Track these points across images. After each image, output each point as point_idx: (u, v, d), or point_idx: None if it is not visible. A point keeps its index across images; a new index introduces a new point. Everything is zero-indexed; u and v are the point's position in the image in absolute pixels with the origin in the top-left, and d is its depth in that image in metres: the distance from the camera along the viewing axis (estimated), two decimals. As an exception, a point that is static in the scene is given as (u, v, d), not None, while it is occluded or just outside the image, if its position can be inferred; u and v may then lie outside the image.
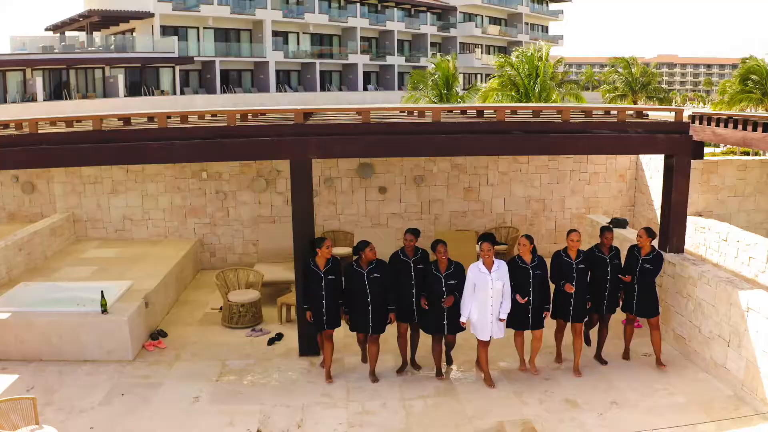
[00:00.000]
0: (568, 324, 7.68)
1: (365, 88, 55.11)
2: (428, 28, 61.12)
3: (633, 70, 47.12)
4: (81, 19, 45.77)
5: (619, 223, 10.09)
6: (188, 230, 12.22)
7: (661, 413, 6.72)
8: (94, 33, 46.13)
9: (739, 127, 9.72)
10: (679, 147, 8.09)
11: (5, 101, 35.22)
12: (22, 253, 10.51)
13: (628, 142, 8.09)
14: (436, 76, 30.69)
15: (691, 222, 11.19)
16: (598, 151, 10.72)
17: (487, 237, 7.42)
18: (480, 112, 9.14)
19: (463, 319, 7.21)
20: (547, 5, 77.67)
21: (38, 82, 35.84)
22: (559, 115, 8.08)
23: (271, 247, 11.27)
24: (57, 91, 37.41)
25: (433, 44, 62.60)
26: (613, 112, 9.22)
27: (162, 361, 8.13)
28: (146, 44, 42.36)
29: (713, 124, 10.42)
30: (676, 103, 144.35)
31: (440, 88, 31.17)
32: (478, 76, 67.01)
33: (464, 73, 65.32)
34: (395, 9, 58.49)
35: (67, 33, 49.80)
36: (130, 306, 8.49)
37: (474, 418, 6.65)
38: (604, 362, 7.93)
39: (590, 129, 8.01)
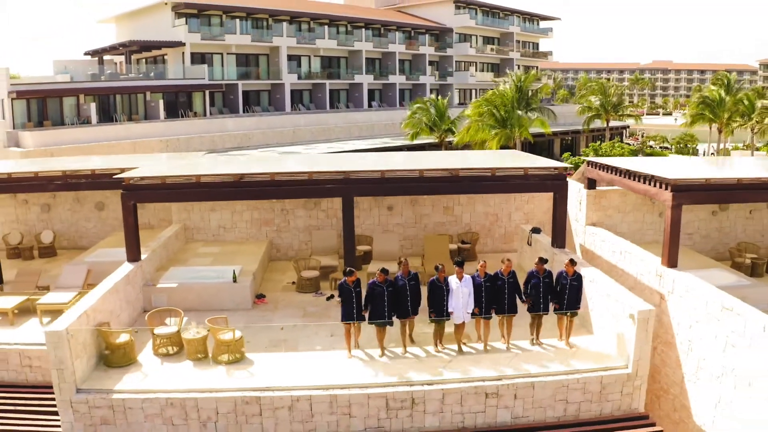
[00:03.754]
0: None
1: (370, 105, 60.85)
2: (426, 48, 66.72)
3: (609, 88, 53.36)
4: (120, 48, 51.71)
5: (536, 230, 16.35)
6: (262, 235, 18.50)
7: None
8: (129, 57, 52.11)
9: (609, 172, 16.04)
10: (559, 188, 14.32)
11: (63, 123, 41.03)
12: (165, 249, 16.76)
13: (529, 185, 14.35)
14: (432, 110, 36.98)
15: (587, 230, 17.44)
16: (511, 191, 16.89)
17: (460, 263, 11.83)
18: (447, 171, 15.36)
19: (450, 309, 11.66)
20: (538, 24, 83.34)
21: (92, 108, 41.46)
22: (489, 172, 14.31)
23: (320, 245, 17.57)
24: (105, 114, 43.12)
25: (431, 63, 68.39)
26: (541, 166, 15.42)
27: (268, 309, 14.42)
28: (178, 71, 48.30)
29: (598, 168, 16.73)
30: (664, 109, 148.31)
31: (435, 118, 37.62)
32: (473, 92, 72.92)
33: (459, 89, 71.52)
34: (397, 32, 64.06)
35: (105, 57, 55.86)
36: (247, 278, 14.76)
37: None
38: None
39: (507, 178, 14.25)
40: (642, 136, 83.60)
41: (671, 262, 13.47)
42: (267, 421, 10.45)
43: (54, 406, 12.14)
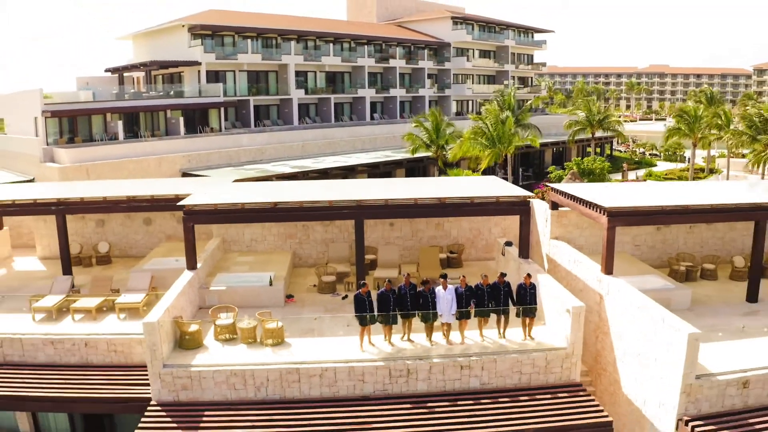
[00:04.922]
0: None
1: (372, 117, 64.75)
2: (425, 63, 70.66)
3: (593, 108, 57.37)
4: (141, 66, 55.65)
5: (508, 243, 20.39)
6: (287, 246, 22.55)
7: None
8: (149, 75, 55.94)
9: (565, 197, 20.09)
10: (524, 212, 18.38)
11: (92, 140, 44.90)
12: (212, 259, 20.83)
13: (501, 209, 18.44)
14: (429, 124, 41.09)
15: (551, 243, 21.49)
16: (486, 214, 20.93)
17: (444, 276, 15.65)
18: (436, 199, 19.38)
19: (438, 312, 15.16)
20: (532, 36, 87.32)
21: (119, 125, 45.33)
22: (469, 200, 18.36)
23: (335, 255, 21.64)
24: (130, 131, 46.95)
25: (430, 76, 72.39)
26: (501, 195, 19.49)
27: (297, 306, 18.49)
28: (194, 88, 52.19)
29: (557, 194, 20.76)
30: (657, 114, 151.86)
31: (431, 133, 41.69)
32: (470, 103, 76.96)
33: (457, 101, 75.52)
34: (397, 48, 68.01)
35: (125, 74, 59.72)
36: (279, 282, 18.83)
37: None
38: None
39: (483, 204, 18.31)
40: (633, 143, 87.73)
41: (608, 270, 17.51)
42: (303, 386, 14.53)
43: (135, 378, 16.27)
